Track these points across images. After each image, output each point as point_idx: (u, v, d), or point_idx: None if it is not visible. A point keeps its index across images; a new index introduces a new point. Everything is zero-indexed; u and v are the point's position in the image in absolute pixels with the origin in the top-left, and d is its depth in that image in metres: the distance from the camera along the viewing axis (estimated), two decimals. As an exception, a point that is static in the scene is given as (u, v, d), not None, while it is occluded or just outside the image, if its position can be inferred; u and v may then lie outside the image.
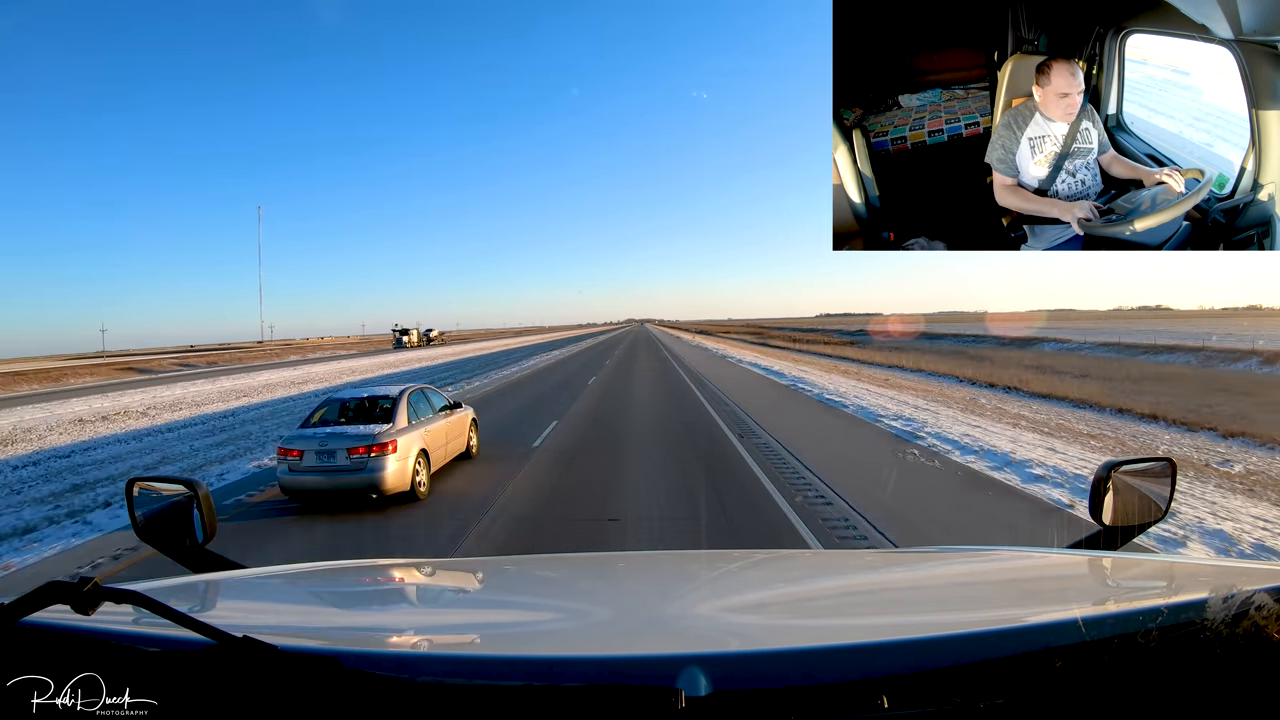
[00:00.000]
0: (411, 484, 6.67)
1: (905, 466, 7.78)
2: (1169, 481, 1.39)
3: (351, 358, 47.72)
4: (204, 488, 1.39)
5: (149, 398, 20.89)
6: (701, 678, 0.67)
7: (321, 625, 1.08)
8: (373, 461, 6.37)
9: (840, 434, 10.21)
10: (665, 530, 5.58)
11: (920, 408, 12.81)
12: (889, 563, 1.60)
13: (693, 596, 1.23)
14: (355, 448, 6.39)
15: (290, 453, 6.49)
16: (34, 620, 0.71)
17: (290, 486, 6.57)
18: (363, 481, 6.35)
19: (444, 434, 7.75)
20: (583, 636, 0.99)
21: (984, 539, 5.22)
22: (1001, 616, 0.90)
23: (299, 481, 6.51)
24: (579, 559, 1.84)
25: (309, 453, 6.44)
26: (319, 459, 6.42)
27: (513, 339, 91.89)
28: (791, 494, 6.59)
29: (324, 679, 0.68)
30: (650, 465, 8.12)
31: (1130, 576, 1.21)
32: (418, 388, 7.88)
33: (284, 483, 6.58)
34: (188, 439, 12.41)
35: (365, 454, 6.38)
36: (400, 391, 7.38)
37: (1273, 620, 0.69)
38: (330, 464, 6.40)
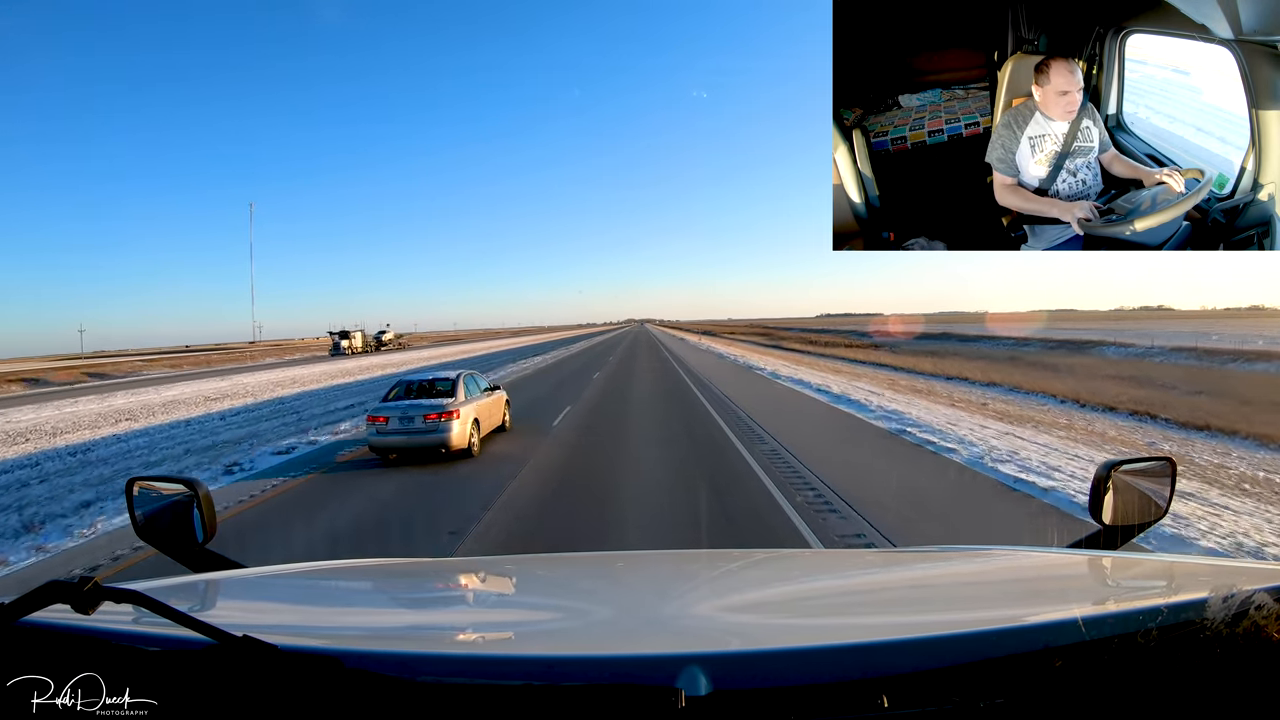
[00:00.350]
0: (469, 443, 8.76)
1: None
2: (1169, 481, 1.39)
3: (287, 365, 43.06)
4: (204, 487, 1.39)
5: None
6: (701, 677, 0.67)
7: (322, 625, 1.08)
8: (443, 425, 8.45)
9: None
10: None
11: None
12: (889, 562, 1.60)
13: (693, 596, 1.23)
14: (430, 414, 8.48)
15: (378, 419, 8.60)
16: (34, 620, 0.71)
17: (377, 445, 8.62)
18: (435, 440, 8.43)
19: (488, 409, 9.86)
20: (583, 636, 0.99)
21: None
22: (1001, 616, 0.90)
23: (384, 441, 8.57)
24: (579, 558, 1.84)
25: (393, 419, 8.54)
26: (400, 424, 8.50)
27: (509, 339, 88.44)
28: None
29: (324, 679, 0.68)
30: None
31: (1130, 576, 1.21)
32: (469, 373, 9.96)
33: (373, 443, 8.64)
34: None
35: (438, 419, 8.46)
36: (457, 375, 9.50)
37: (1273, 620, 0.69)
38: (410, 427, 8.49)
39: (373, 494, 7.21)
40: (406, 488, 7.44)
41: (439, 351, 53.27)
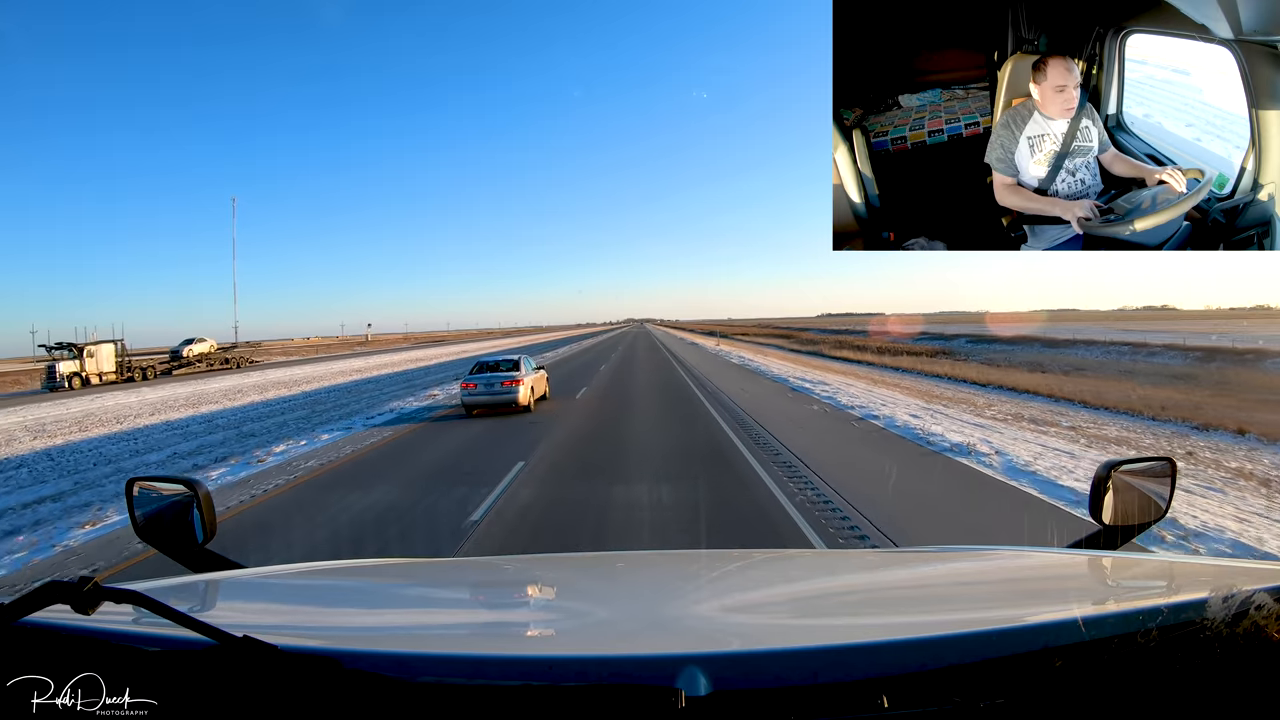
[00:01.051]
0: (528, 403, 13.33)
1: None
2: (1169, 481, 1.39)
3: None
4: (204, 487, 1.39)
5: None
6: (701, 677, 0.67)
7: (321, 625, 1.08)
8: (513, 389, 13.00)
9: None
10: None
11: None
12: (889, 563, 1.60)
13: (692, 596, 1.23)
14: (505, 381, 13.04)
15: (469, 385, 13.21)
16: (34, 620, 0.71)
17: (468, 402, 13.18)
18: (508, 399, 12.99)
19: (539, 382, 14.59)
20: (582, 636, 0.99)
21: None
22: (1001, 616, 0.90)
23: (473, 399, 13.14)
24: (579, 559, 1.83)
25: (479, 385, 13.10)
26: (484, 388, 13.06)
27: (500, 340, 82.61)
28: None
29: (324, 679, 0.68)
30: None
31: (1130, 576, 1.21)
32: (524, 356, 14.47)
33: (465, 400, 13.24)
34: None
35: (511, 385, 13.01)
36: (519, 356, 14.13)
37: (1273, 620, 0.69)
38: (491, 390, 13.03)
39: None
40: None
41: (306, 371, 35.06)
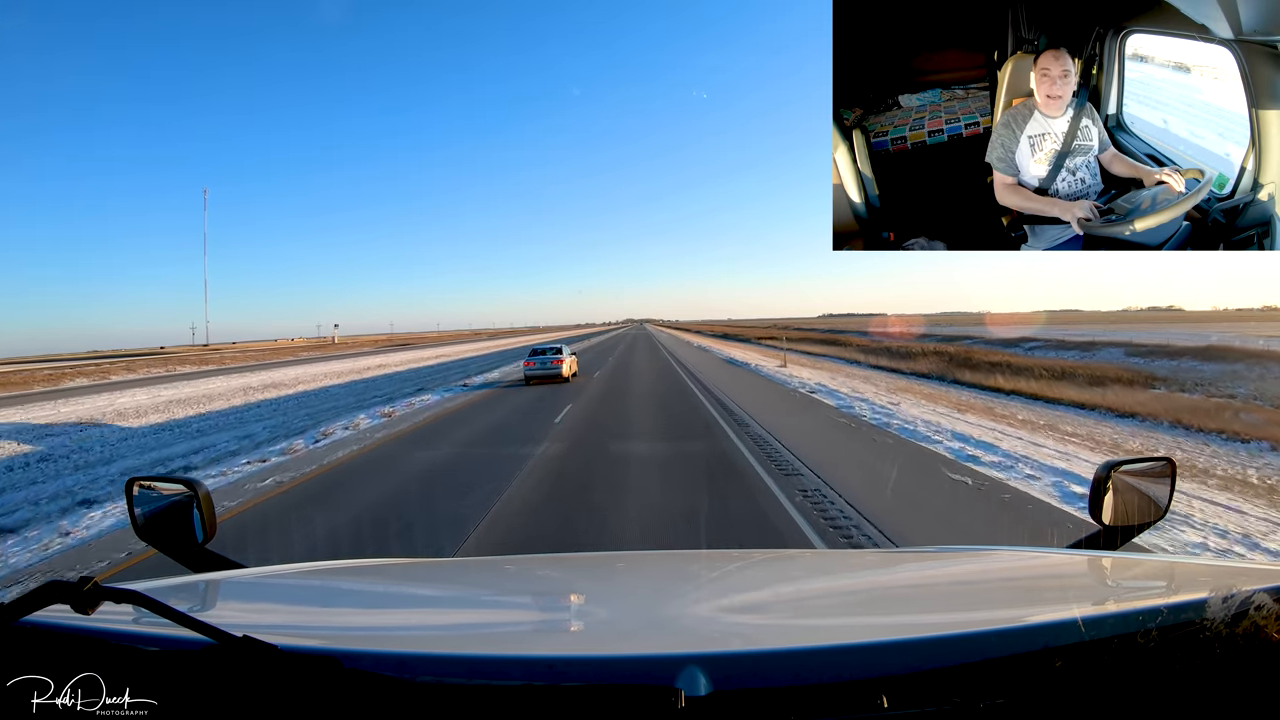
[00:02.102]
0: (568, 376, 19.61)
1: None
2: (1169, 481, 1.39)
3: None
4: (204, 487, 1.39)
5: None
6: (701, 677, 0.67)
7: (321, 625, 1.08)
8: (560, 365, 19.32)
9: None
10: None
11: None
12: (888, 563, 1.60)
13: (692, 596, 1.23)
14: (554, 360, 19.39)
15: (529, 364, 19.43)
16: (34, 620, 0.71)
17: (529, 375, 19.23)
18: (556, 373, 19.20)
19: (572, 362, 20.64)
20: (582, 636, 0.99)
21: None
22: (1001, 616, 0.90)
23: (532, 372, 19.22)
24: (579, 559, 1.83)
25: (536, 364, 19.36)
26: (540, 365, 19.34)
27: (487, 341, 74.66)
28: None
29: (324, 679, 0.68)
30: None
31: (1130, 576, 1.21)
32: (564, 345, 22.13)
33: (527, 374, 19.32)
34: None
35: (558, 364, 19.31)
36: (561, 344, 21.69)
37: (1273, 620, 0.69)
38: (544, 367, 19.32)
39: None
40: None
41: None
